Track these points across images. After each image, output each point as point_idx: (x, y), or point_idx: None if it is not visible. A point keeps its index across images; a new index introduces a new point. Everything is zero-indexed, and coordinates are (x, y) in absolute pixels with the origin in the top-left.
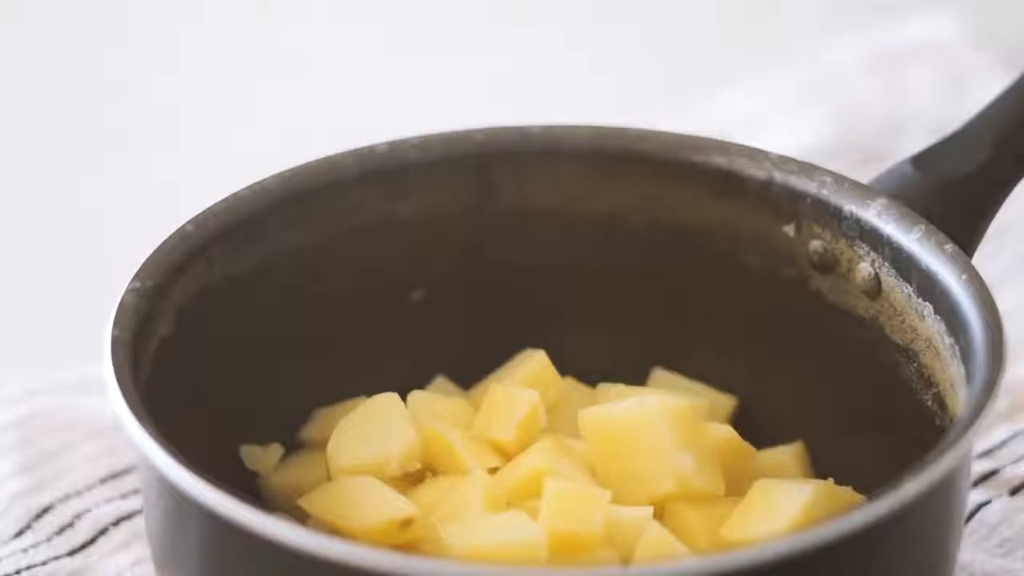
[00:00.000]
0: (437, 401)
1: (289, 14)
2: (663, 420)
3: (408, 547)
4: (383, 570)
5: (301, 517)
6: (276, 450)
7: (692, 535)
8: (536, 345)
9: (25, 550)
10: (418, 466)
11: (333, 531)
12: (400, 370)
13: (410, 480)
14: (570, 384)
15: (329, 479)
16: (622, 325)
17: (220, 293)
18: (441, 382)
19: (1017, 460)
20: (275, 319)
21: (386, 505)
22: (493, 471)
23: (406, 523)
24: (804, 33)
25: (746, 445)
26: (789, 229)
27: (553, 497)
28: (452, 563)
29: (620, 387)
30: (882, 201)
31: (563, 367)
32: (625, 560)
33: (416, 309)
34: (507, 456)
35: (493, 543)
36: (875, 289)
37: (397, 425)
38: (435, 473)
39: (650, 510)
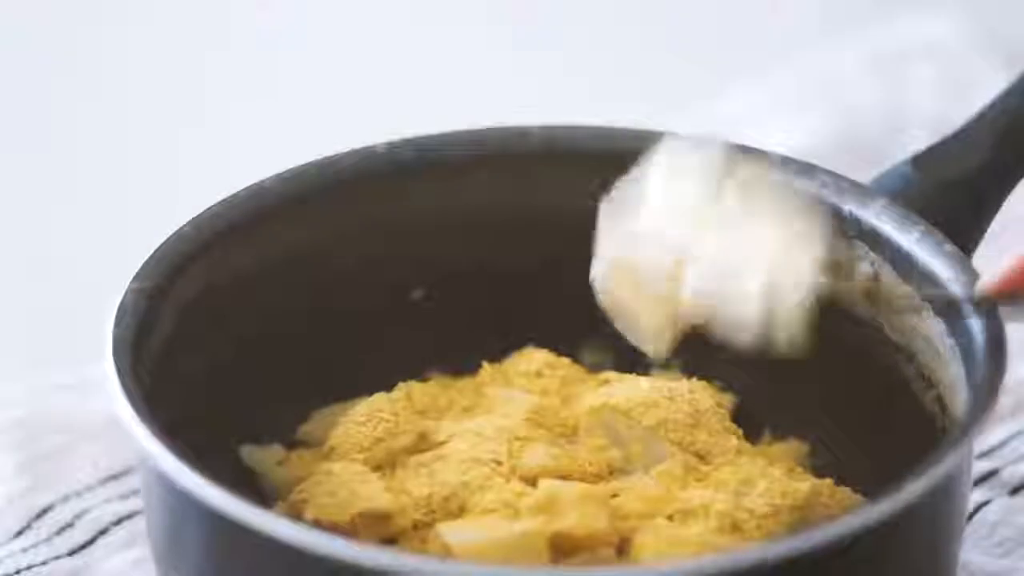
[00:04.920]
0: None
1: (289, 13)
2: None
3: (403, 542)
4: (383, 568)
5: (300, 515)
6: (275, 450)
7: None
8: (537, 344)
9: (25, 550)
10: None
11: (315, 522)
12: (400, 370)
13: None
14: (575, 369)
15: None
16: None
17: (220, 293)
18: (438, 378)
19: (1017, 460)
20: (274, 319)
21: (363, 498)
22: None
23: (385, 517)
24: (804, 33)
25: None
26: None
27: (553, 497)
28: (452, 562)
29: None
30: (882, 201)
31: None
32: (623, 549)
33: (416, 309)
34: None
35: (492, 540)
36: (875, 289)
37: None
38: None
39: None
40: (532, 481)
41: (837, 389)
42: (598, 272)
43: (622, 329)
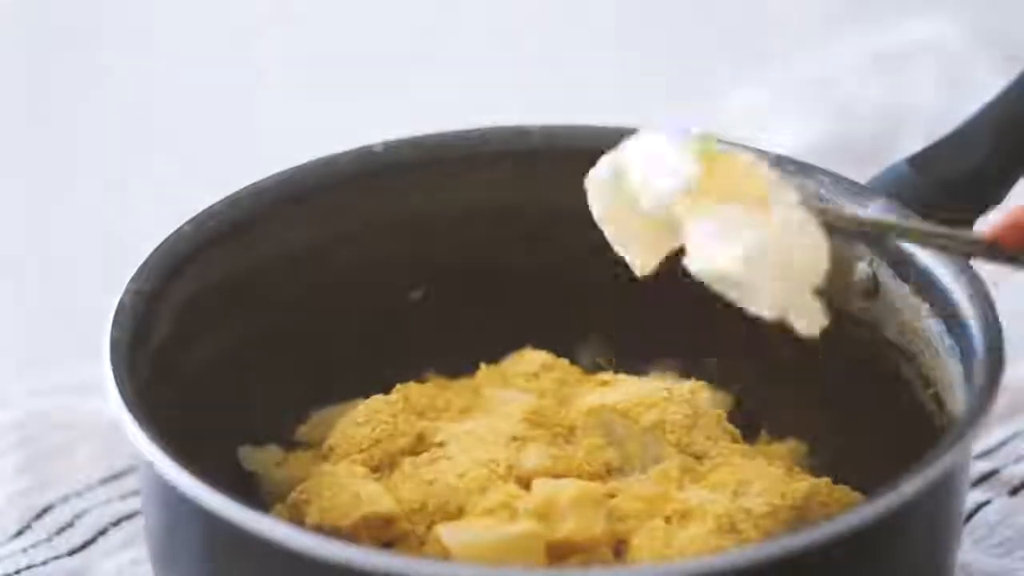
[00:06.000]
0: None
1: (289, 13)
2: None
3: (403, 545)
4: (381, 571)
5: (296, 516)
6: (273, 451)
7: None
8: (535, 345)
9: (25, 550)
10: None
11: (316, 525)
12: (398, 370)
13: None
14: (573, 370)
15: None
16: (621, 324)
17: (218, 293)
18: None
19: (1017, 460)
20: (273, 319)
21: (366, 502)
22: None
23: (387, 520)
24: (804, 33)
25: None
26: None
27: (550, 502)
28: (452, 563)
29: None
30: (880, 201)
31: None
32: (619, 549)
33: (415, 309)
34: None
35: (490, 541)
36: (873, 289)
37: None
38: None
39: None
40: (529, 482)
41: (835, 389)
42: (592, 177)
43: (611, 238)
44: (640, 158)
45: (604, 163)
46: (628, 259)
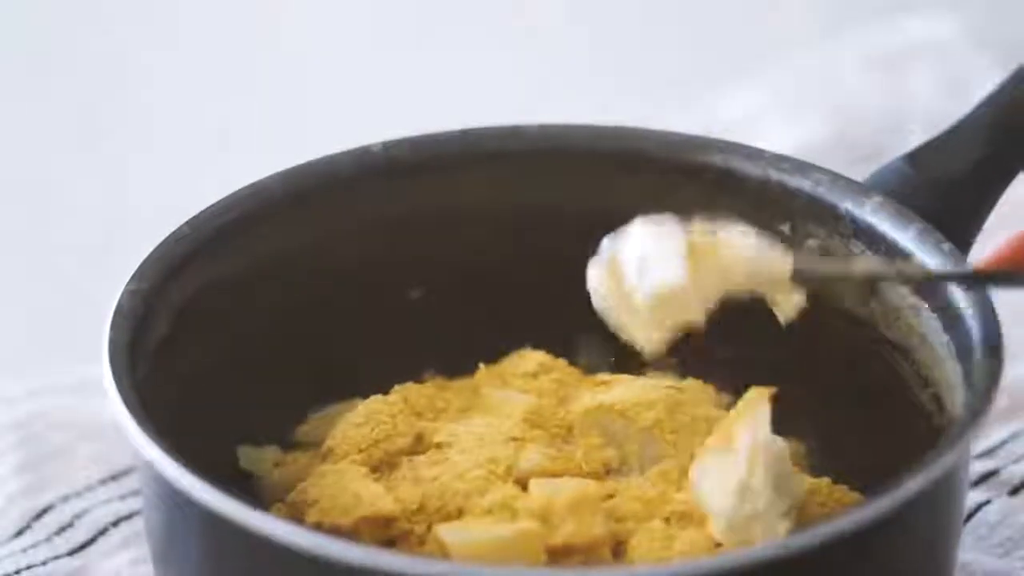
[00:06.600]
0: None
1: (290, 13)
2: None
3: (403, 544)
4: (381, 569)
5: (296, 515)
6: (272, 451)
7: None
8: (535, 344)
9: (25, 550)
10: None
11: (316, 524)
12: (398, 370)
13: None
14: (571, 370)
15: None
16: None
17: (217, 293)
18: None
19: (1017, 460)
20: (272, 319)
21: (367, 502)
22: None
23: (388, 520)
24: (804, 33)
25: None
26: (785, 227)
27: (548, 505)
28: (452, 563)
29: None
30: (877, 199)
31: None
32: (618, 551)
33: (414, 309)
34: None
35: (490, 540)
36: (871, 288)
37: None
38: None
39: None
40: (528, 482)
41: (834, 388)
42: (592, 273)
43: (615, 328)
44: (632, 256)
45: (601, 259)
46: (636, 344)
